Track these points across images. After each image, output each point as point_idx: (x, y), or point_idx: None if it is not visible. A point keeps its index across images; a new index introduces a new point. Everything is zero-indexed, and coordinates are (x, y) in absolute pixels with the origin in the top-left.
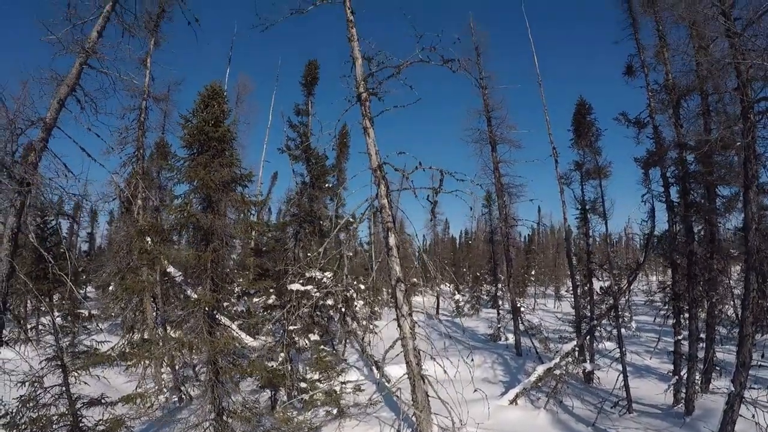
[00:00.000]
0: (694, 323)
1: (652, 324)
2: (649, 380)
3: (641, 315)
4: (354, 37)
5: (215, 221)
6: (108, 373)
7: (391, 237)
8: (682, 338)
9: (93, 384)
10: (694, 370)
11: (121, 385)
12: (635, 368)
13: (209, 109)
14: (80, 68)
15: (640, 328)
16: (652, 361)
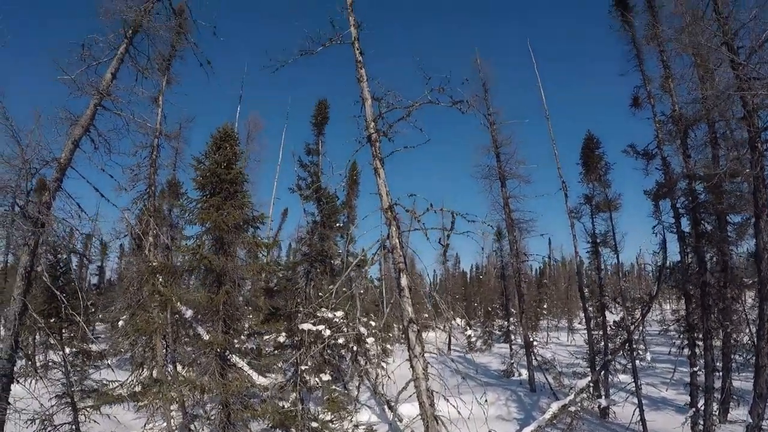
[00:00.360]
0: (709, 354)
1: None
2: (665, 413)
3: (656, 345)
4: (363, 78)
5: (227, 263)
6: (117, 410)
7: (403, 278)
8: (698, 369)
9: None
10: (711, 402)
11: (130, 421)
12: (651, 401)
13: (221, 151)
14: (95, 109)
15: (656, 359)
16: (668, 393)
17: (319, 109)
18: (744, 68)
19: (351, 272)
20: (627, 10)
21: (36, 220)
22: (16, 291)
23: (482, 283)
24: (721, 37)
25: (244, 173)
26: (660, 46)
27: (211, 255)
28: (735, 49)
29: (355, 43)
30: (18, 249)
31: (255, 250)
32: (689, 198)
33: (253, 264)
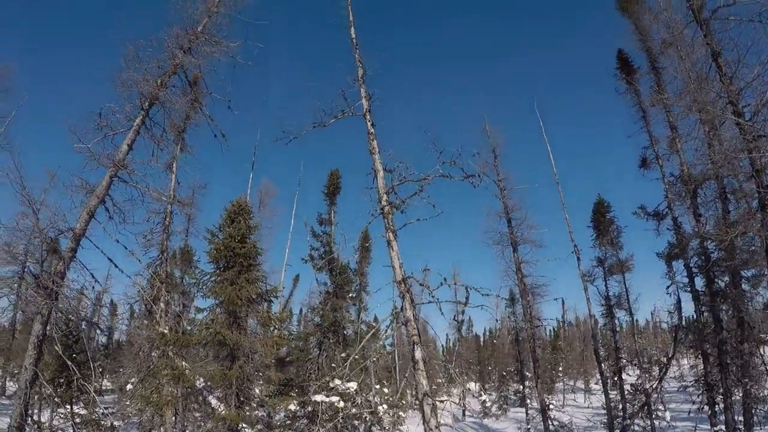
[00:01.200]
0: (729, 413)
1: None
2: None
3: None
4: (375, 150)
5: (241, 338)
6: None
7: (417, 350)
8: (718, 429)
9: None
10: None
11: None
12: None
13: (235, 224)
14: (110, 180)
15: (675, 417)
16: None
17: (332, 179)
18: (750, 128)
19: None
20: (631, 72)
21: (50, 290)
22: (27, 360)
23: (496, 347)
24: (725, 98)
25: (257, 247)
26: (666, 107)
27: (225, 329)
28: (740, 108)
29: (367, 114)
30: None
31: (269, 323)
32: (702, 257)
33: (266, 337)
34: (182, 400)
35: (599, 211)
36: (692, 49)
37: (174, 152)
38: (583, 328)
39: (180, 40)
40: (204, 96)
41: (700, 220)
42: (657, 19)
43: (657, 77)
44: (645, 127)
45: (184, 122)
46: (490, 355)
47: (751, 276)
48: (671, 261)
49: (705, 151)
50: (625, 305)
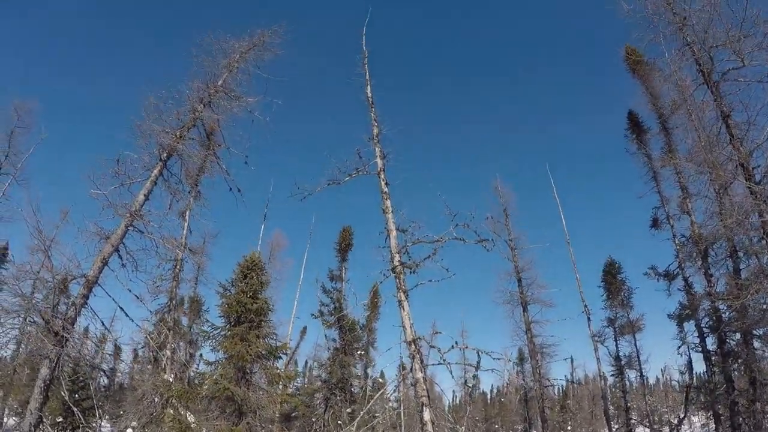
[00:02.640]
0: None
1: None
2: None
3: None
4: (388, 209)
5: (248, 394)
6: None
7: (426, 412)
8: None
9: None
10: None
11: None
12: None
13: (248, 280)
14: (125, 229)
15: None
16: None
17: (343, 235)
18: (761, 190)
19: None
20: (642, 132)
21: (60, 336)
22: (33, 403)
23: (503, 406)
24: (736, 160)
25: (269, 303)
26: (676, 167)
27: (233, 385)
28: (751, 170)
29: (381, 173)
30: (32, 347)
31: (277, 380)
32: (713, 317)
33: (273, 394)
34: None
35: (610, 272)
36: (702, 111)
37: (188, 201)
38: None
39: (200, 93)
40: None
41: (711, 281)
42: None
43: (667, 138)
44: (656, 187)
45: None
46: (498, 413)
47: (762, 334)
48: (682, 322)
49: (715, 210)
50: (635, 365)
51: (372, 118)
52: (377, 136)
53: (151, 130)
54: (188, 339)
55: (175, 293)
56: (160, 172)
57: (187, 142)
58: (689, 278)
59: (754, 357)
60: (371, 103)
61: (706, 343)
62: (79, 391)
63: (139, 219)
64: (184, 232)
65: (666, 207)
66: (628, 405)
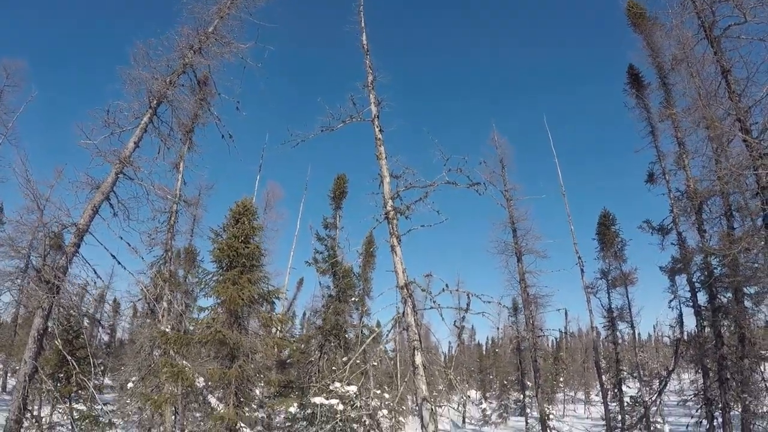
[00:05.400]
0: (728, 428)
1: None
2: None
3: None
4: (382, 155)
5: (241, 338)
6: None
7: (417, 356)
8: None
9: None
10: None
11: None
12: None
13: (239, 225)
14: (116, 177)
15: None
16: None
17: (338, 183)
18: (757, 146)
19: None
20: (641, 87)
21: (51, 284)
22: (27, 353)
23: (498, 356)
24: (734, 115)
25: (261, 248)
26: (674, 123)
27: (225, 329)
28: (748, 126)
29: (375, 120)
30: (31, 310)
31: (270, 324)
32: (705, 272)
33: (267, 338)
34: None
35: (604, 223)
36: (702, 66)
37: (181, 152)
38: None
39: (190, 39)
40: (213, 96)
41: (704, 236)
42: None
43: (666, 93)
44: (653, 142)
45: (192, 121)
46: (492, 363)
47: (753, 293)
48: (674, 275)
49: (712, 167)
50: (627, 318)
51: (366, 66)
52: (371, 83)
53: (141, 77)
54: (184, 290)
55: (170, 245)
56: (150, 120)
57: (177, 88)
58: (683, 233)
59: (744, 314)
60: (366, 50)
61: (698, 298)
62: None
63: (129, 166)
64: (179, 183)
65: (662, 162)
66: (619, 357)
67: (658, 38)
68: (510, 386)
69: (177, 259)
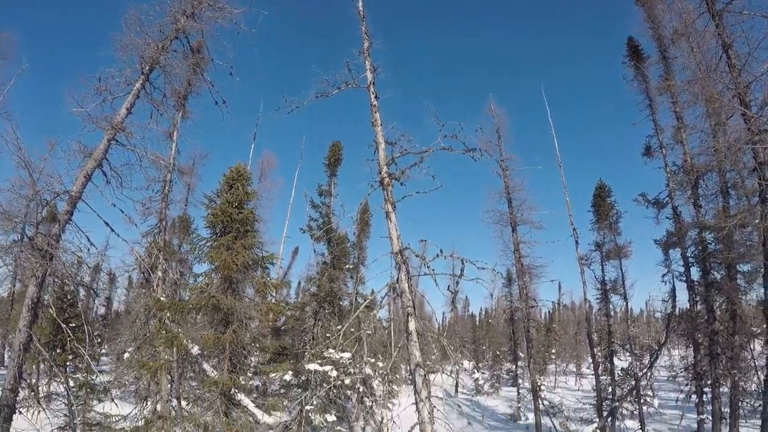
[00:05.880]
0: (717, 402)
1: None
2: None
3: (664, 391)
4: (377, 122)
5: (235, 303)
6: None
7: (411, 322)
8: (705, 417)
9: None
10: None
11: None
12: None
13: (233, 190)
14: (108, 144)
15: (663, 405)
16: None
17: (333, 151)
18: (756, 121)
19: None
20: (641, 60)
21: (44, 252)
22: (21, 322)
23: (491, 327)
24: (733, 90)
25: (254, 213)
26: (673, 96)
27: (219, 294)
28: (747, 101)
29: (371, 87)
30: (25, 279)
31: (263, 290)
32: (699, 247)
33: (261, 304)
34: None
35: (600, 195)
36: (703, 40)
37: (174, 120)
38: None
39: (183, 4)
40: (206, 64)
41: (700, 211)
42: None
43: (666, 67)
44: (651, 116)
45: (186, 89)
46: (485, 334)
47: (746, 271)
48: (668, 249)
49: (710, 143)
50: (620, 290)
51: (362, 32)
52: (367, 49)
53: (133, 43)
54: (179, 258)
55: (164, 214)
56: (142, 86)
57: (169, 54)
58: (678, 207)
59: (737, 291)
60: (362, 16)
61: (691, 273)
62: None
63: (122, 132)
64: (172, 152)
65: (660, 136)
66: (611, 330)
67: (659, 11)
68: (502, 357)
69: (172, 229)
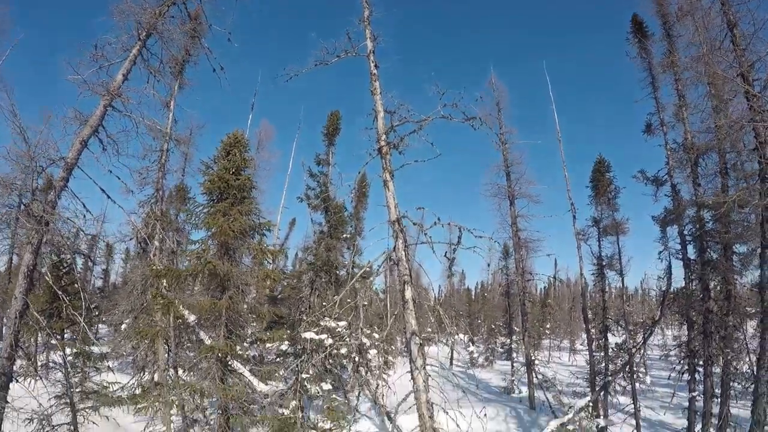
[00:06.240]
0: (709, 381)
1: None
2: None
3: (656, 369)
4: (377, 91)
5: (232, 269)
6: (117, 412)
7: (408, 290)
8: (697, 394)
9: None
10: (708, 427)
11: (130, 425)
12: (649, 423)
13: (230, 157)
14: (104, 110)
15: (655, 383)
16: (666, 417)
17: (331, 120)
18: (758, 100)
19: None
20: (645, 37)
21: (40, 218)
22: (17, 289)
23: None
24: (737, 68)
25: (252, 180)
26: (676, 74)
27: (216, 260)
28: (750, 81)
29: (371, 56)
30: (21, 247)
31: (260, 257)
32: (697, 225)
33: (257, 270)
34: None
35: (599, 169)
36: (708, 18)
37: (172, 89)
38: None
39: None
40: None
41: (698, 190)
42: None
43: (670, 44)
44: (653, 93)
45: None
46: (480, 308)
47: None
48: (666, 226)
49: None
50: (616, 266)
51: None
52: (368, 18)
53: (130, 9)
54: (176, 227)
55: (161, 184)
56: (139, 52)
57: (167, 19)
58: (677, 185)
59: (732, 271)
60: None
61: (687, 251)
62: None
63: (118, 98)
64: (170, 121)
65: (661, 114)
66: (606, 305)
67: None
68: (497, 330)
69: (169, 199)
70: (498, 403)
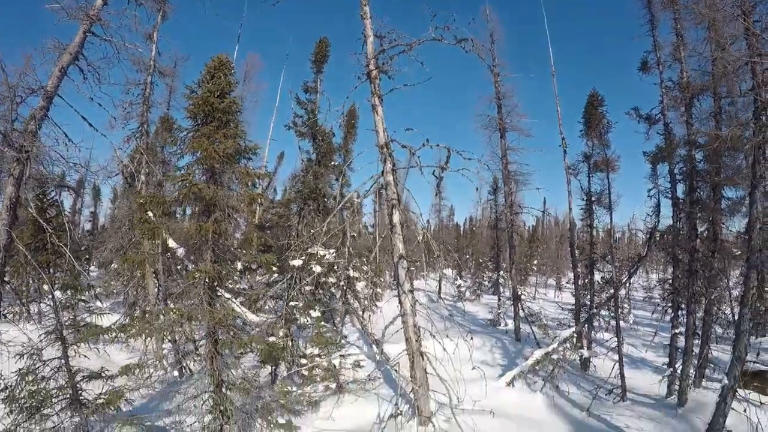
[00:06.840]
0: (691, 318)
1: (650, 319)
2: (644, 372)
3: (640, 310)
4: (367, 15)
5: (218, 192)
6: (109, 350)
7: (395, 214)
8: (678, 332)
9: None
10: (688, 364)
11: (123, 361)
12: (631, 359)
13: (215, 80)
14: (84, 36)
15: (638, 322)
16: (648, 354)
17: (320, 47)
18: (758, 40)
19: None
20: None
21: (20, 147)
22: (0, 222)
23: (475, 236)
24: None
25: (237, 102)
26: (676, 13)
27: (201, 183)
28: (752, 20)
29: None
30: (2, 179)
31: (247, 180)
32: (688, 164)
33: (244, 194)
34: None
35: (592, 103)
36: None
37: (155, 20)
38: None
39: None
40: None
41: (691, 129)
42: None
43: None
44: (651, 31)
45: None
46: (469, 243)
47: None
48: (656, 163)
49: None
50: (605, 202)
51: None
52: None
53: None
54: (161, 159)
55: (146, 117)
56: None
57: None
58: (670, 124)
59: (720, 213)
60: None
61: (677, 189)
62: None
63: (98, 22)
64: (153, 53)
65: (658, 52)
66: (594, 240)
67: None
68: (485, 265)
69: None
70: (484, 334)
